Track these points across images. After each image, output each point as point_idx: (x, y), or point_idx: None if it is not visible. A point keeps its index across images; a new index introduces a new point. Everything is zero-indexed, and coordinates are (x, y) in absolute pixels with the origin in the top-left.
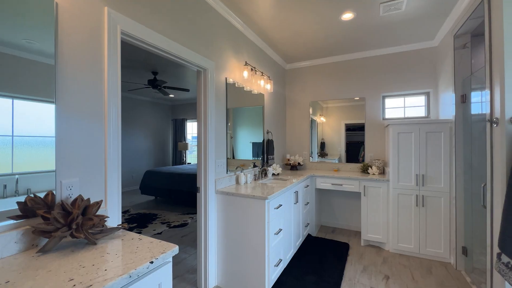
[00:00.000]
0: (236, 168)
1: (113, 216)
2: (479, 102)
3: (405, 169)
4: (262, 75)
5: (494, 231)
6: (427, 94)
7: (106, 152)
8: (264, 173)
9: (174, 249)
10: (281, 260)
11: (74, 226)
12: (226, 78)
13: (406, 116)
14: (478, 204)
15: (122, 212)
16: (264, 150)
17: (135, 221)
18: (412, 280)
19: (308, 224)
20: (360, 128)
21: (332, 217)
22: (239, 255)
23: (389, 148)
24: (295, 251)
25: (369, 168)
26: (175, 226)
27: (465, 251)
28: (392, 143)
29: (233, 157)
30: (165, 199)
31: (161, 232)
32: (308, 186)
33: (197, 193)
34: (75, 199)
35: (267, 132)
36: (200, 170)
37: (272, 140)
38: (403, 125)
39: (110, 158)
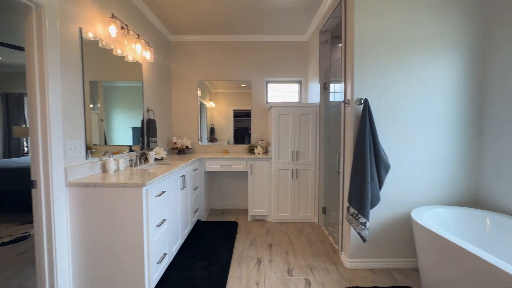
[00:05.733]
0: (104, 154)
1: None
2: (333, 92)
3: (284, 147)
4: (139, 38)
5: (344, 191)
6: (300, 82)
7: None
8: (144, 158)
9: None
10: (166, 254)
11: None
12: (81, 29)
13: (284, 101)
14: (334, 172)
15: None
16: (144, 132)
17: None
18: (289, 243)
19: (198, 209)
20: (247, 115)
21: (221, 199)
22: (108, 259)
23: (271, 128)
24: (183, 241)
25: (255, 148)
26: (5, 244)
27: (324, 210)
28: (274, 124)
29: (106, 144)
30: None
31: None
32: (197, 169)
33: (32, 189)
34: None
35: (148, 111)
36: (37, 156)
37: (154, 120)
38: (282, 107)
39: None
